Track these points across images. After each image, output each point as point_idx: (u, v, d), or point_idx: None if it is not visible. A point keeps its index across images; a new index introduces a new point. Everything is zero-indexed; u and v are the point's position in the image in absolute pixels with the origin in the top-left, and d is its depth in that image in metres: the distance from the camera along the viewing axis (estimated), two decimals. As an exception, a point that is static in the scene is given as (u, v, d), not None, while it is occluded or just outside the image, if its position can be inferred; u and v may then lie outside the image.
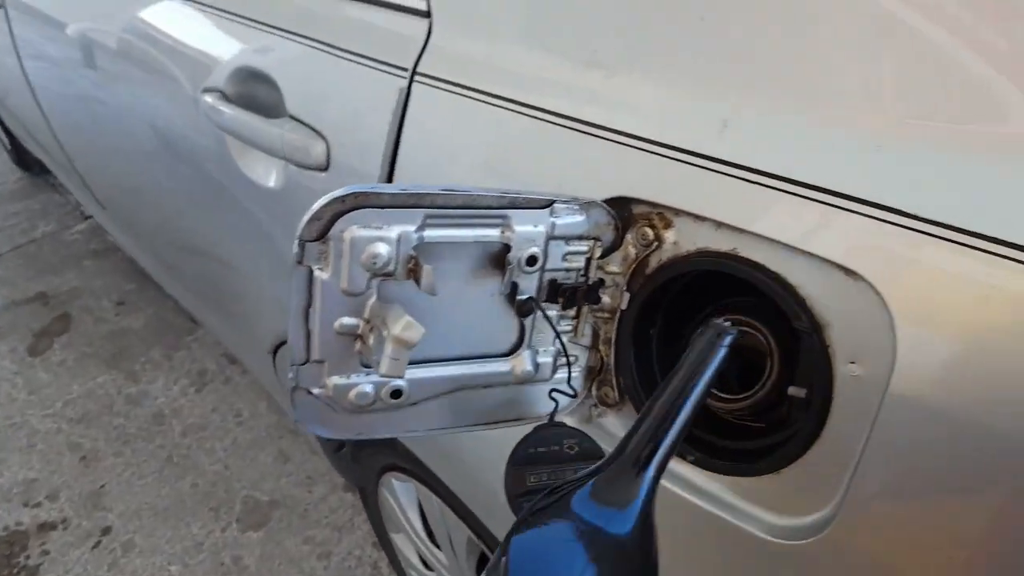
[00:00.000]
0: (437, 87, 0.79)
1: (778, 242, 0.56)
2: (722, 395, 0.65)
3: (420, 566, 1.61)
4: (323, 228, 0.55)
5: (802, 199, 0.54)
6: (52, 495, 2.17)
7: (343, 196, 0.55)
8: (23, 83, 2.12)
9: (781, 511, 0.61)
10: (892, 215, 0.50)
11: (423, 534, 1.49)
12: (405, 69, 0.82)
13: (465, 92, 0.76)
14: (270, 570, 1.96)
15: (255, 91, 1.06)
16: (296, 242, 0.55)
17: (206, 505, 2.14)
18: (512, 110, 0.72)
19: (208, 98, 1.09)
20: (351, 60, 0.89)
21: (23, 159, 3.84)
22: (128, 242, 2.47)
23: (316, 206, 0.55)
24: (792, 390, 0.60)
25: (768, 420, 0.65)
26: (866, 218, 0.51)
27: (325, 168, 0.94)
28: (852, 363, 0.54)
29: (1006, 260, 0.45)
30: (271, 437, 2.35)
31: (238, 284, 1.41)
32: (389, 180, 0.84)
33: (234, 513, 2.12)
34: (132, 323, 2.85)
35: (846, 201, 0.52)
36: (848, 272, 0.52)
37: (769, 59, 0.58)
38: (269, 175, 1.07)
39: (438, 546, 1.43)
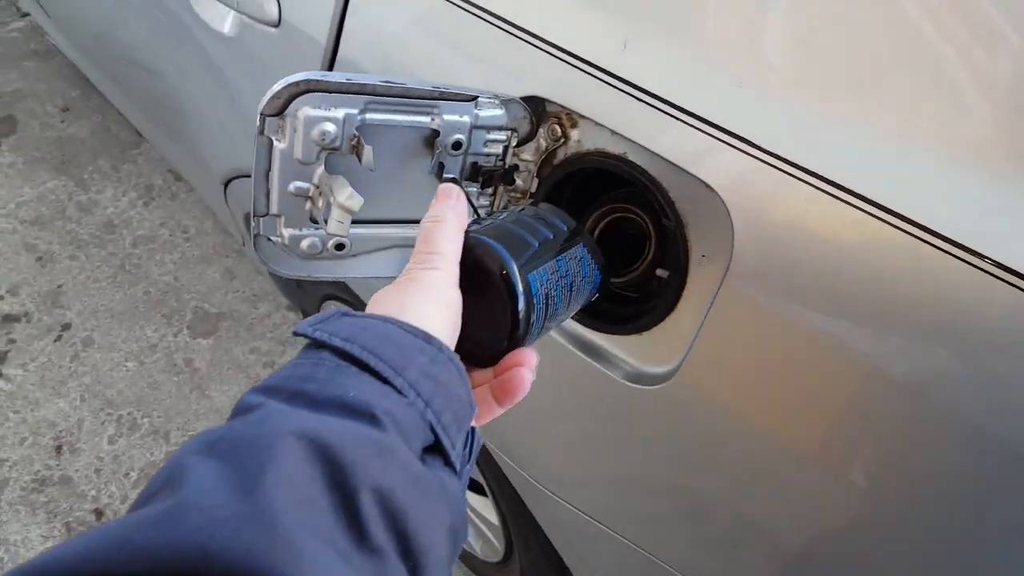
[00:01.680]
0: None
1: (657, 154, 0.67)
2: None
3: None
4: (281, 106, 0.65)
5: (678, 121, 0.65)
6: (13, 290, 2.27)
7: (298, 81, 0.64)
8: None
9: (642, 363, 0.77)
10: (744, 144, 0.62)
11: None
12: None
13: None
14: (219, 373, 2.14)
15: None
16: (258, 116, 0.64)
17: (158, 312, 2.28)
18: (456, 4, 0.80)
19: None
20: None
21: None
22: (70, 49, 2.42)
23: (276, 87, 0.64)
24: (659, 271, 0.75)
25: (640, 293, 0.80)
26: (723, 144, 0.63)
27: (277, 25, 1.00)
28: (703, 256, 0.68)
29: (820, 192, 0.59)
30: (218, 255, 2.46)
31: (189, 114, 1.47)
32: (335, 49, 0.91)
33: (184, 320, 2.27)
34: (78, 131, 2.84)
35: (709, 127, 0.64)
36: (706, 185, 0.65)
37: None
38: (223, 21, 1.11)
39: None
